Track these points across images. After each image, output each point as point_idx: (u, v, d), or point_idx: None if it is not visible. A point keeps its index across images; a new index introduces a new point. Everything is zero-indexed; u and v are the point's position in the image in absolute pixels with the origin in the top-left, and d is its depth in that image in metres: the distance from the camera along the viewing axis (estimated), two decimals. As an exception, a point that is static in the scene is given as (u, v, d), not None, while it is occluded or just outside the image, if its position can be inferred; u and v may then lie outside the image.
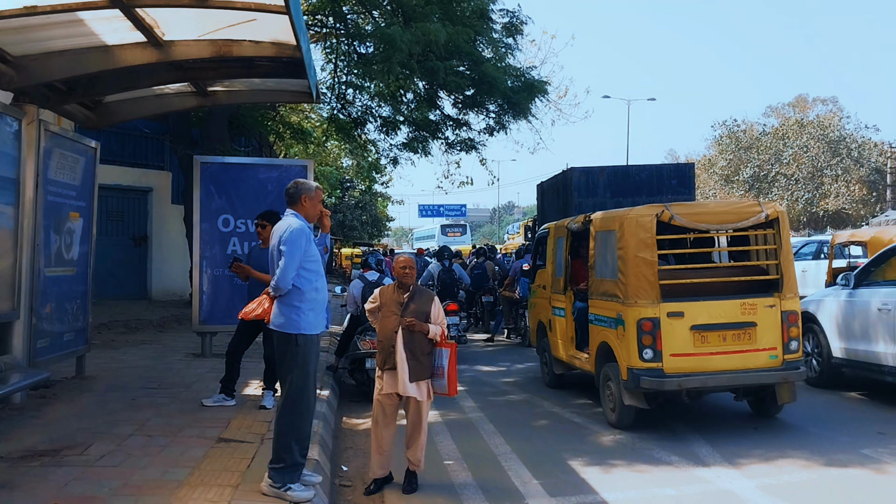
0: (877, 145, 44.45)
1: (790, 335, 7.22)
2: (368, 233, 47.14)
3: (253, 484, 4.92)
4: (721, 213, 7.60)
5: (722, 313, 7.12)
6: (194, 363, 9.76)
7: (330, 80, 15.95)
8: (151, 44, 6.54)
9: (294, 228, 4.84)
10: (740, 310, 7.15)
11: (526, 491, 5.56)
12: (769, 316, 7.18)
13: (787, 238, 7.47)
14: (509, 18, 15.32)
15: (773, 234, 7.49)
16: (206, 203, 9.93)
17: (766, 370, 7.15)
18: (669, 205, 7.52)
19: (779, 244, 7.43)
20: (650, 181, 12.71)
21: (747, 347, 7.13)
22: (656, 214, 7.27)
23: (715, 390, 7.60)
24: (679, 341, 7.02)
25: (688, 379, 6.99)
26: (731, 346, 7.10)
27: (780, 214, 7.55)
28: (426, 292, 5.77)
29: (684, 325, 7.04)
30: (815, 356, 9.34)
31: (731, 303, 7.16)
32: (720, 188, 47.15)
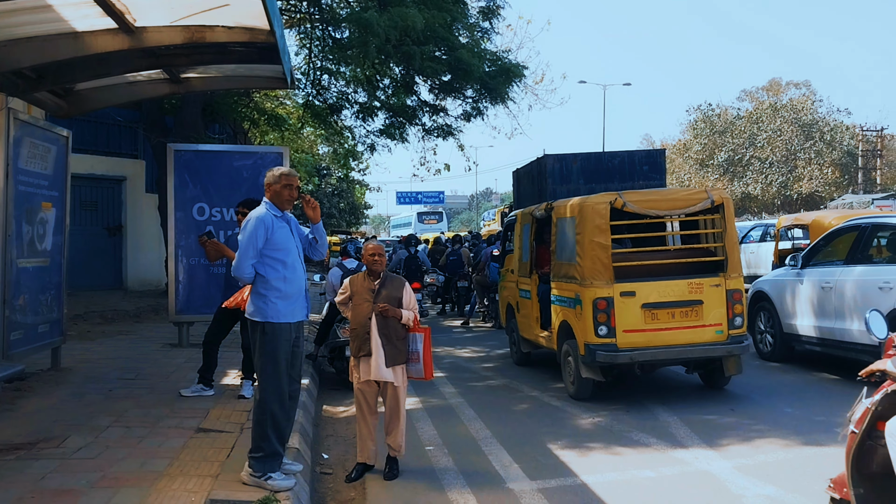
0: (848, 128, 45.03)
1: (735, 312, 7.76)
2: (346, 220, 46.98)
3: (233, 474, 4.90)
4: (670, 199, 8.09)
5: (670, 292, 7.64)
6: (171, 353, 9.68)
7: (304, 66, 15.84)
8: (122, 30, 6.42)
9: (252, 217, 4.85)
10: (688, 289, 7.68)
11: (506, 474, 5.59)
12: (715, 294, 7.72)
13: (731, 222, 7.99)
14: (486, 3, 15.27)
15: (719, 219, 7.98)
16: (180, 191, 9.82)
17: (712, 344, 7.69)
18: (622, 192, 8.04)
19: (723, 228, 7.94)
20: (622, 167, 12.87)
21: (695, 323, 7.67)
22: (610, 202, 7.81)
23: (665, 364, 8.18)
24: (631, 318, 7.57)
25: (639, 353, 7.57)
26: (679, 323, 7.63)
27: (725, 200, 8.05)
28: (397, 278, 5.77)
29: (636, 304, 7.59)
30: (768, 332, 9.98)
31: (678, 282, 7.68)
32: (695, 172, 47.52)
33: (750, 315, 10.10)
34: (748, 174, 44.64)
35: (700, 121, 48.23)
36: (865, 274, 8.36)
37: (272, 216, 4.88)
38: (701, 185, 46.60)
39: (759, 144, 44.47)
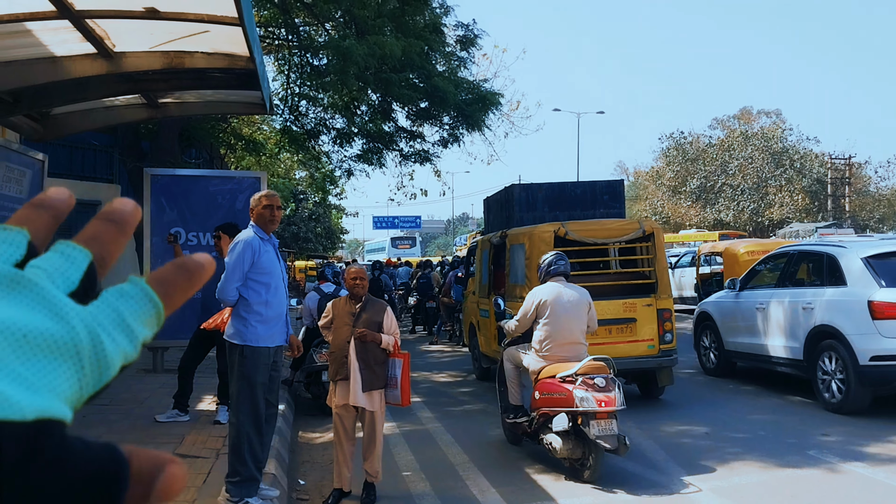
0: (818, 156, 45.82)
1: (665, 329, 8.59)
2: (323, 245, 46.85)
3: (209, 499, 4.87)
4: (606, 229, 9.03)
5: (608, 311, 8.32)
6: (146, 379, 9.59)
7: (283, 92, 15.90)
8: (101, 55, 6.45)
9: (240, 240, 4.87)
10: (622, 308, 8.53)
11: (484, 500, 5.60)
12: (647, 313, 8.57)
13: (661, 249, 8.92)
14: (463, 32, 15.46)
15: (650, 246, 8.87)
16: (156, 216, 9.79)
17: (645, 357, 8.52)
18: (565, 223, 8.99)
19: (654, 255, 8.84)
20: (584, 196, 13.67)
21: (629, 339, 8.50)
22: (554, 231, 8.73)
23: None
24: None
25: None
26: (615, 338, 8.44)
27: (656, 230, 9.00)
28: (378, 302, 5.78)
29: None
30: (712, 349, 10.76)
31: (614, 302, 8.52)
32: (668, 199, 48.06)
33: (696, 334, 11.27)
34: (720, 201, 45.24)
35: (672, 148, 48.84)
36: (791, 296, 9.14)
37: (259, 239, 4.90)
38: (675, 211, 47.20)
39: (731, 172, 45.13)
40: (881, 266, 8.04)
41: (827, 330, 8.22)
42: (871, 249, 8.37)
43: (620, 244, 9.17)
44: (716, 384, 10.15)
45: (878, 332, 7.64)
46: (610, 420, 6.01)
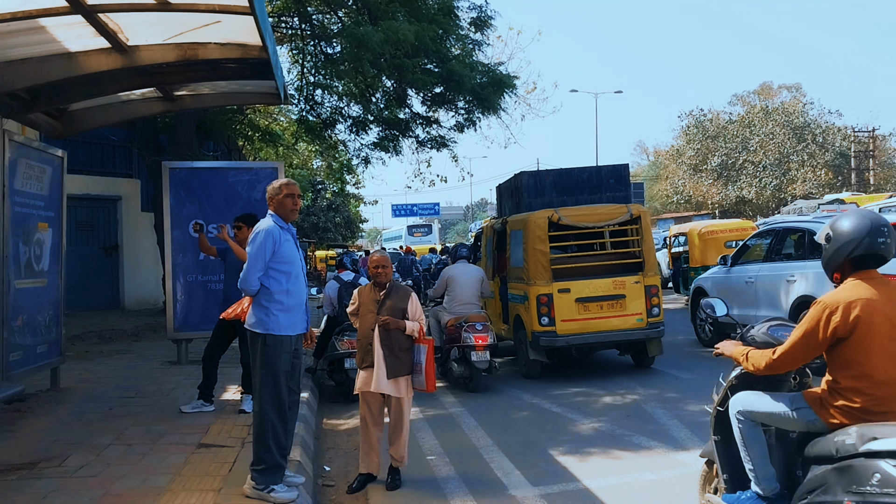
0: (840, 130, 45.17)
1: (652, 303, 9.47)
2: (342, 234, 46.96)
3: (235, 487, 4.90)
4: (596, 214, 9.82)
5: (599, 288, 9.40)
6: (171, 371, 9.68)
7: (297, 82, 15.90)
8: (116, 49, 6.47)
9: (261, 229, 4.86)
10: (612, 285, 9.44)
11: (509, 482, 5.60)
12: (635, 290, 9.47)
13: (647, 231, 9.82)
14: (477, 14, 15.34)
15: (638, 228, 9.72)
16: (176, 209, 9.84)
17: (634, 330, 9.44)
18: (559, 209, 9.87)
19: (641, 236, 9.69)
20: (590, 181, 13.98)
21: (619, 313, 9.39)
22: (548, 217, 9.59)
23: (597, 347, 9.96)
24: (567, 310, 9.34)
25: (574, 338, 9.36)
26: (606, 313, 9.38)
27: (643, 213, 9.88)
28: (403, 288, 5.77)
29: (571, 299, 9.36)
30: (707, 322, 11.31)
31: (605, 280, 9.45)
32: (689, 178, 47.63)
33: (692, 308, 12.01)
34: (742, 178, 44.75)
35: (692, 126, 48.35)
36: (777, 269, 9.83)
37: (279, 228, 4.90)
38: (696, 189, 46.77)
39: (752, 148, 44.61)
40: None
41: (809, 300, 8.45)
42: None
43: (610, 227, 9.91)
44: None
45: None
46: (485, 351, 8.80)
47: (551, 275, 9.39)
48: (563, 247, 9.95)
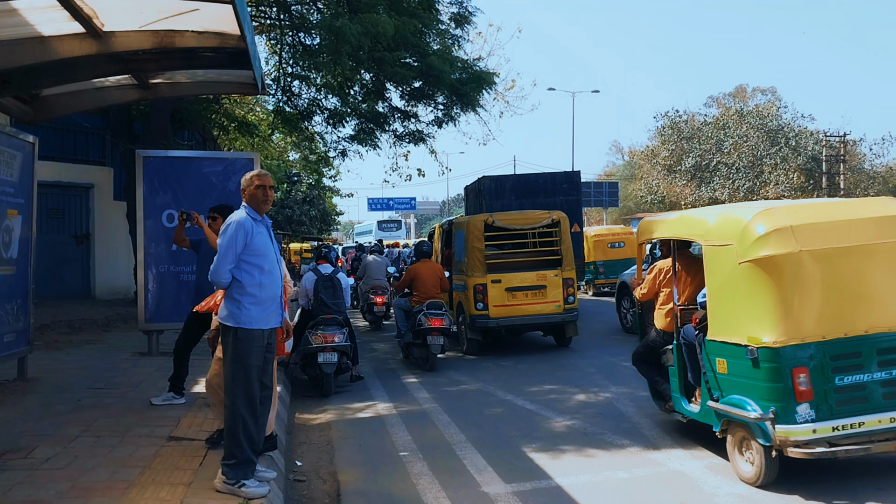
0: (812, 134, 45.69)
1: (568, 293, 11.42)
2: (317, 227, 46.70)
3: (206, 482, 4.85)
4: (524, 218, 11.87)
5: (525, 280, 11.35)
6: (141, 362, 9.56)
7: (275, 73, 15.76)
8: (90, 35, 6.35)
9: (233, 221, 4.80)
10: (536, 278, 11.39)
11: (481, 479, 5.59)
12: (555, 281, 11.41)
13: (566, 234, 11.65)
14: (457, 9, 15.30)
15: (558, 231, 11.63)
16: (149, 199, 9.71)
17: (553, 315, 11.42)
18: (493, 214, 12.00)
19: (560, 238, 11.60)
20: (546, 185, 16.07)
21: (541, 301, 11.35)
22: (485, 220, 11.54)
23: (523, 329, 11.94)
24: (498, 298, 11.24)
25: (504, 320, 11.30)
26: (531, 301, 11.34)
27: (562, 218, 11.70)
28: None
29: (501, 288, 11.27)
30: (629, 312, 12.77)
31: (530, 273, 11.42)
32: (663, 178, 47.95)
33: (617, 300, 13.61)
34: (715, 179, 45.13)
35: (667, 127, 48.62)
36: None
37: (251, 220, 4.84)
38: (670, 190, 47.10)
39: (726, 150, 44.99)
40: None
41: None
42: None
43: (535, 230, 11.75)
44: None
45: None
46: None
47: (486, 268, 11.31)
48: (500, 245, 11.87)
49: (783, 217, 5.26)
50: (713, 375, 5.61)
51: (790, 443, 4.94)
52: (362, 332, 15.24)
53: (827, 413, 4.97)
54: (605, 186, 44.92)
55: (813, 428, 4.93)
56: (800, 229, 5.17)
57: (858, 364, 5.08)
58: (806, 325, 5.05)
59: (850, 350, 5.09)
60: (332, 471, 5.97)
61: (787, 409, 4.96)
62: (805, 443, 4.92)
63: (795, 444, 4.93)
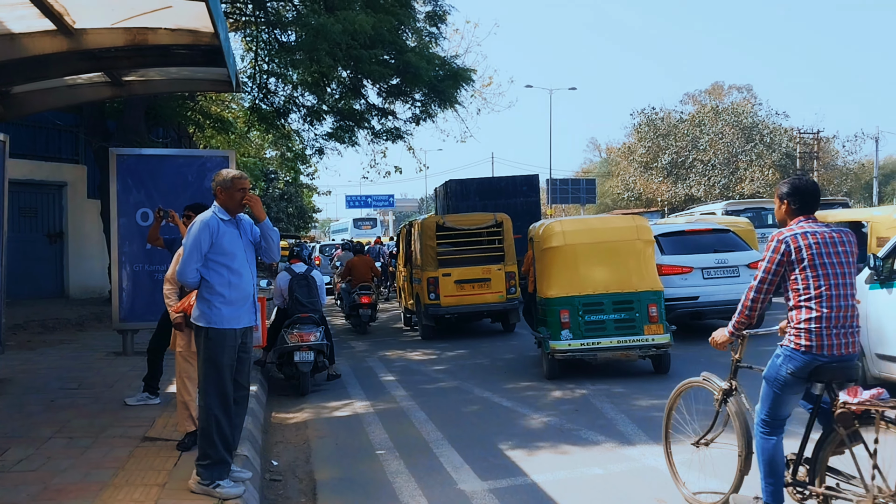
0: (787, 131, 46.20)
1: (510, 285, 12.93)
2: (295, 225, 46.53)
3: (180, 482, 4.82)
4: (471, 220, 13.53)
5: (472, 273, 12.89)
6: (116, 362, 9.48)
7: (250, 70, 15.67)
8: (61, 32, 6.28)
9: (197, 221, 4.79)
10: (482, 271, 12.94)
11: (458, 476, 5.61)
12: (498, 275, 12.94)
13: (509, 233, 13.16)
14: (432, 6, 15.30)
15: (501, 230, 13.15)
16: (123, 197, 9.61)
17: (496, 304, 13.00)
18: (444, 216, 14.34)
19: (503, 237, 13.12)
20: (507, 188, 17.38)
21: (486, 291, 12.91)
22: (437, 221, 13.30)
23: (470, 316, 13.64)
24: (449, 289, 12.77)
25: (453, 308, 12.92)
26: (477, 291, 12.90)
27: (505, 220, 13.28)
28: None
29: (451, 280, 12.78)
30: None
31: (476, 268, 12.96)
32: (639, 175, 48.26)
33: None
34: (691, 176, 45.52)
35: (644, 124, 48.95)
36: None
37: (218, 220, 4.80)
38: (646, 187, 47.41)
39: (702, 147, 45.39)
40: (665, 241, 11.78)
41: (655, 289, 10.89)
42: (659, 230, 12.01)
43: (480, 230, 13.19)
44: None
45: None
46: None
47: (438, 263, 12.84)
48: (454, 243, 13.19)
49: (560, 225, 9.24)
50: (538, 317, 9.37)
51: (557, 351, 8.71)
52: (339, 330, 15.21)
53: (579, 336, 8.70)
54: (582, 183, 45.11)
55: (569, 344, 8.68)
56: (568, 232, 9.06)
57: (600, 309, 8.79)
58: (570, 286, 8.88)
59: (594, 301, 8.81)
60: (309, 470, 5.96)
61: (556, 333, 8.76)
62: (565, 351, 8.71)
63: (561, 352, 8.71)
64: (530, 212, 17.21)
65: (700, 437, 4.92)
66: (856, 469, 3.83)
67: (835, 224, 4.30)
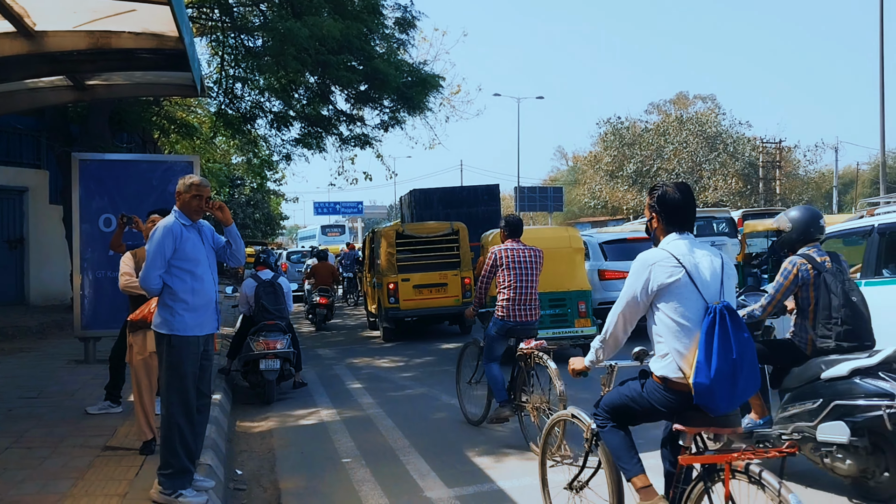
0: (750, 140, 46.98)
1: (465, 289, 13.51)
2: (262, 231, 46.16)
3: (142, 492, 4.75)
4: (429, 228, 14.14)
5: (429, 279, 13.52)
6: (77, 370, 9.31)
7: (216, 75, 15.54)
8: (22, 34, 6.18)
9: (160, 226, 4.74)
10: (439, 276, 13.56)
11: (424, 484, 5.59)
12: (454, 280, 13.60)
13: (465, 241, 13.82)
14: (401, 13, 15.31)
15: (457, 238, 13.78)
16: (85, 202, 9.47)
17: (452, 307, 13.55)
18: (404, 224, 15.43)
19: (459, 244, 13.78)
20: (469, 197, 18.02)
21: (443, 295, 13.56)
22: (396, 230, 13.95)
23: (428, 319, 14.28)
24: (408, 293, 13.43)
25: (412, 311, 13.57)
26: (435, 295, 13.53)
27: (461, 228, 13.95)
28: None
29: (410, 285, 13.43)
30: None
31: (434, 273, 13.60)
32: (605, 183, 48.71)
33: None
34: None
35: (610, 133, 49.47)
36: None
37: (181, 225, 4.75)
38: (612, 195, 47.86)
39: (666, 156, 45.98)
40: (609, 248, 12.88)
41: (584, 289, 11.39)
42: (603, 238, 13.27)
43: (437, 237, 13.76)
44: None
45: (603, 289, 12.15)
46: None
47: (397, 269, 13.52)
48: (413, 250, 13.73)
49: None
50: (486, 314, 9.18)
51: None
52: (306, 337, 15.11)
53: None
54: (549, 191, 45.44)
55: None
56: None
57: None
58: None
59: None
60: (273, 479, 5.90)
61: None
62: None
63: None
64: (491, 220, 17.77)
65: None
66: None
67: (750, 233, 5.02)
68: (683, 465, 3.39)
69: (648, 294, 3.40)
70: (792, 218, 5.23)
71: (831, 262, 4.99)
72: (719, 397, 3.19)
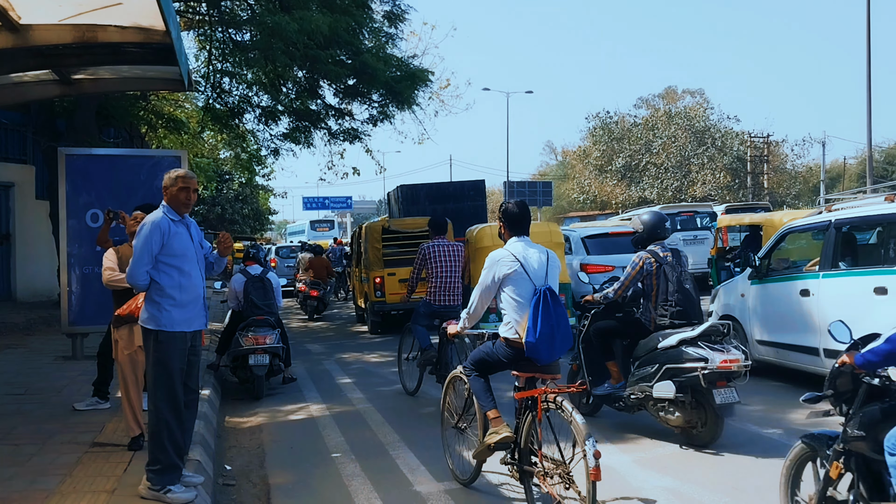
0: (738, 135, 47.14)
1: None
2: (250, 226, 46.03)
3: (130, 488, 4.73)
4: (414, 223, 14.14)
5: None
6: (65, 366, 9.26)
7: (204, 69, 15.46)
8: (6, 28, 6.11)
9: (148, 222, 4.71)
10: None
11: (413, 478, 5.60)
12: None
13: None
14: (390, 7, 15.27)
15: None
16: (72, 198, 9.41)
17: None
18: (390, 219, 15.46)
19: None
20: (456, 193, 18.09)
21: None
22: (382, 225, 14.42)
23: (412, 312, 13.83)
24: (393, 287, 13.45)
25: (397, 305, 13.55)
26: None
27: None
28: None
29: (396, 279, 13.45)
30: None
31: None
32: (594, 178, 48.79)
33: None
34: (645, 179, 46.18)
35: (599, 128, 49.54)
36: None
37: (169, 221, 4.72)
38: (601, 189, 47.97)
39: (655, 150, 46.08)
40: (591, 243, 13.41)
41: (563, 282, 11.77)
42: (586, 232, 13.80)
43: (424, 232, 12.82)
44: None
45: (582, 281, 12.62)
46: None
47: (383, 263, 13.89)
48: (400, 245, 14.08)
49: (490, 229, 10.70)
50: None
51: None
52: (296, 332, 15.09)
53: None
54: (538, 186, 45.43)
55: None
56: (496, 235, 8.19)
57: None
58: None
59: None
60: (263, 474, 5.89)
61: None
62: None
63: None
64: (477, 215, 17.70)
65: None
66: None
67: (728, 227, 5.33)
68: (517, 399, 4.79)
69: (495, 281, 4.79)
70: (644, 221, 6.55)
71: (672, 257, 6.33)
72: (543, 351, 4.57)
